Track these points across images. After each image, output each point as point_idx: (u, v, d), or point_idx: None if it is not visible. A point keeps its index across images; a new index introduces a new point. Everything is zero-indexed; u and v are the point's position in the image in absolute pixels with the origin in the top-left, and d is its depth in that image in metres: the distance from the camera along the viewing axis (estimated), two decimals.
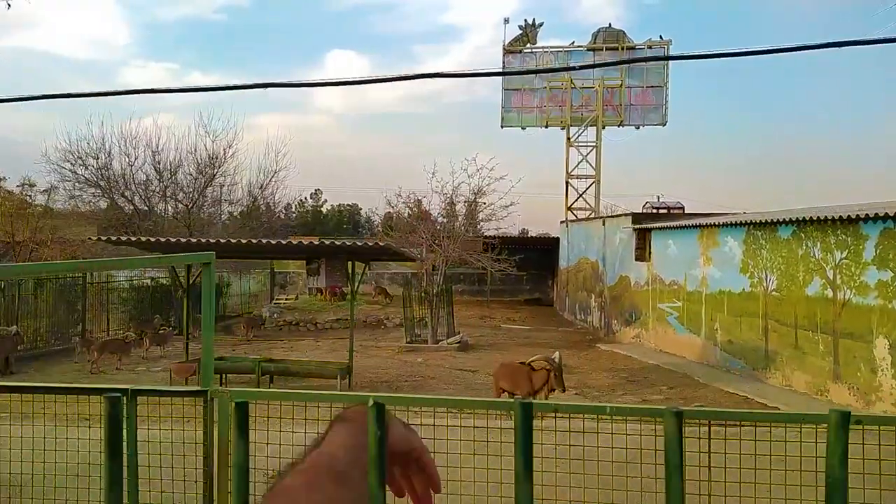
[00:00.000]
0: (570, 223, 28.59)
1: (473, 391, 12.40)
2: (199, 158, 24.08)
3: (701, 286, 15.26)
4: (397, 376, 13.87)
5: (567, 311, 27.30)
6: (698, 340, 15.29)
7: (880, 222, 9.23)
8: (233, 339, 20.48)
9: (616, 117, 32.09)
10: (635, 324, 19.20)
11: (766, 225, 12.56)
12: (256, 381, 12.04)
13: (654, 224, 18.54)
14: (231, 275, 26.98)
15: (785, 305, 11.87)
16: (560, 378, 9.28)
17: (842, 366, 10.11)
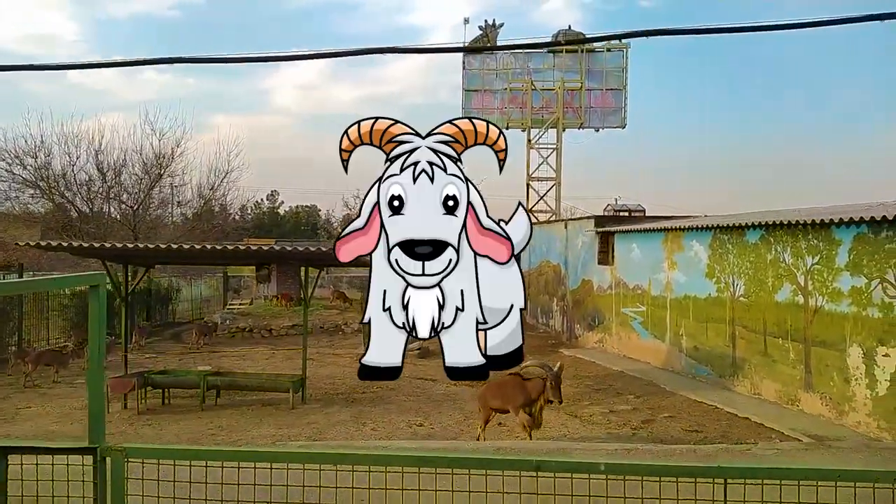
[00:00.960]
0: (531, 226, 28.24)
1: (434, 403, 11.81)
2: (146, 158, 22.98)
3: (666, 291, 14.97)
4: (354, 388, 13.17)
5: (529, 315, 26.93)
6: (663, 346, 14.99)
7: (854, 227, 8.97)
8: (181, 347, 19.48)
9: (576, 119, 32.02)
10: (598, 328, 18.88)
11: (733, 229, 12.29)
12: (201, 397, 11.21)
13: (618, 227, 18.25)
14: (181, 280, 25.86)
15: (753, 311, 11.60)
16: (558, 388, 8.22)
17: (814, 374, 9.83)
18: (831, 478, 2.34)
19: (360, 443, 8.73)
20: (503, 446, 7.77)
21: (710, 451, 7.80)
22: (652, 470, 2.42)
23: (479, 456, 2.45)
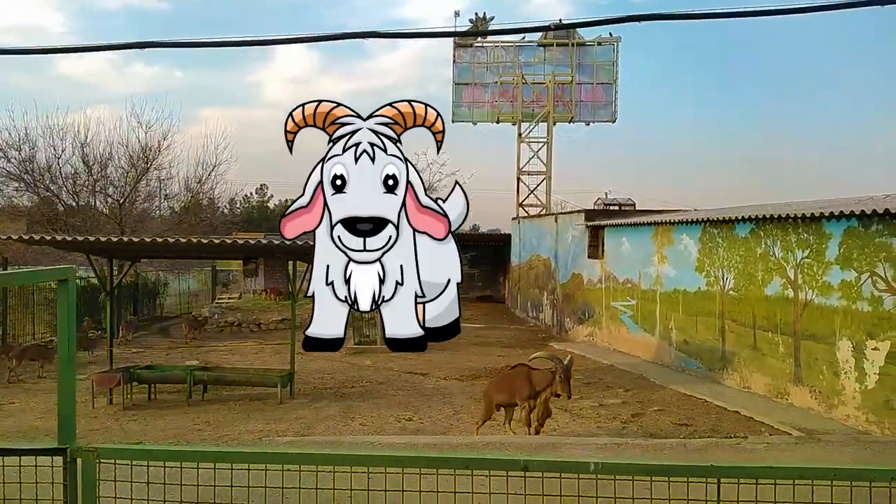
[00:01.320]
0: (521, 220, 28.22)
1: (424, 397, 11.74)
2: (132, 151, 22.69)
3: (655, 285, 14.96)
4: (343, 382, 13.10)
5: (519, 308, 26.92)
6: (653, 340, 14.99)
7: (844, 220, 8.95)
8: (169, 342, 19.31)
9: (567, 113, 31.95)
10: (588, 322, 18.87)
11: (722, 223, 12.27)
12: (188, 392, 11.08)
13: (607, 221, 18.22)
14: (168, 274, 25.64)
15: (743, 305, 11.59)
16: (567, 382, 7.99)
17: (803, 368, 9.83)
18: (827, 476, 2.27)
19: (349, 438, 8.64)
20: (493, 441, 7.71)
21: (699, 446, 7.77)
22: (643, 469, 2.35)
23: (464, 456, 2.38)
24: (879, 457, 6.45)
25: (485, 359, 16.12)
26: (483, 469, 2.33)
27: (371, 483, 2.38)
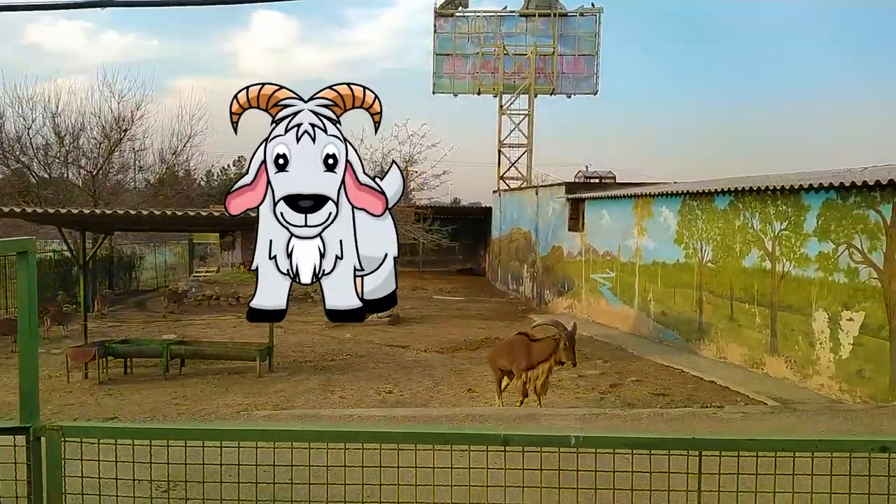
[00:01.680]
0: (502, 192, 28.14)
1: (404, 369, 11.73)
2: (105, 121, 22.12)
3: (635, 257, 15.03)
4: (323, 355, 13.05)
5: (500, 281, 26.98)
6: (631, 311, 15.11)
7: (823, 193, 9.00)
8: (145, 316, 19.08)
9: (548, 85, 31.74)
10: (568, 294, 18.96)
11: (702, 195, 12.29)
12: (165, 367, 10.96)
13: (588, 194, 18.20)
14: (144, 247, 25.26)
15: (720, 277, 11.68)
16: (572, 350, 7.75)
17: (779, 339, 9.95)
18: (808, 448, 2.26)
19: (328, 411, 8.61)
20: (472, 413, 7.72)
21: (676, 415, 7.84)
22: (625, 442, 2.32)
23: (443, 431, 2.33)
24: (852, 425, 6.56)
25: (465, 331, 16.15)
26: (462, 444, 2.29)
27: (348, 459, 2.32)
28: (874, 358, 8.13)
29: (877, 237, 8.12)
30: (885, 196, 8.04)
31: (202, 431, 2.41)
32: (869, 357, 8.22)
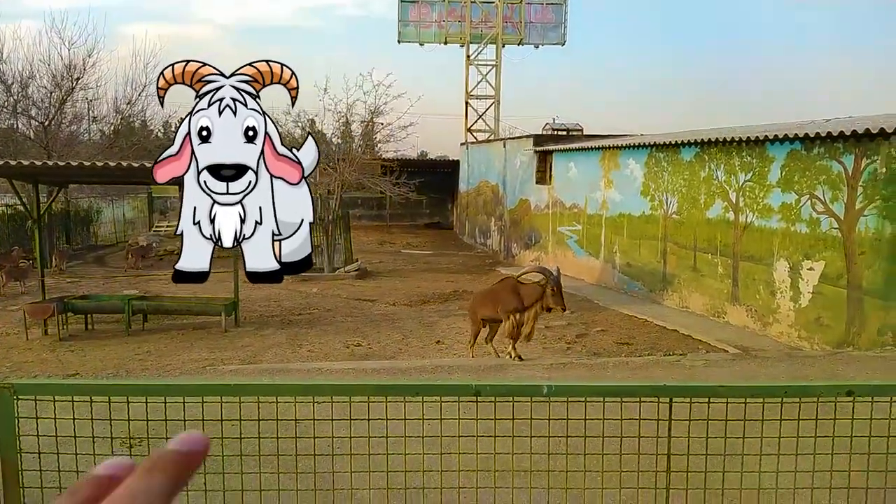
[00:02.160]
0: (470, 145, 27.90)
1: (372, 323, 11.71)
2: (55, 69, 21.09)
3: (601, 209, 15.11)
4: (289, 310, 12.94)
5: (467, 234, 26.98)
6: (597, 263, 15.27)
7: (787, 143, 9.07)
8: (105, 271, 18.63)
9: (516, 35, 31.23)
10: (535, 247, 19.06)
11: (668, 147, 12.33)
12: (127, 322, 10.74)
13: (556, 146, 18.14)
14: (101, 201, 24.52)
15: (685, 228, 11.82)
16: (559, 294, 7.53)
17: (740, 288, 10.17)
18: (777, 394, 2.28)
19: (296, 365, 8.56)
20: (442, 364, 7.76)
21: (640, 363, 8.00)
22: (596, 391, 2.31)
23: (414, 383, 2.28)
24: (811, 370, 6.76)
25: (433, 284, 16.16)
26: (434, 395, 2.25)
27: (316, 412, 2.27)
28: (832, 306, 8.36)
29: (838, 188, 8.26)
30: (847, 147, 8.14)
31: (164, 387, 2.32)
32: (827, 305, 8.45)
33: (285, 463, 2.37)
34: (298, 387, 2.33)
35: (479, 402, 2.23)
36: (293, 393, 2.30)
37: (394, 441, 2.28)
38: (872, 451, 2.30)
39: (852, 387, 2.26)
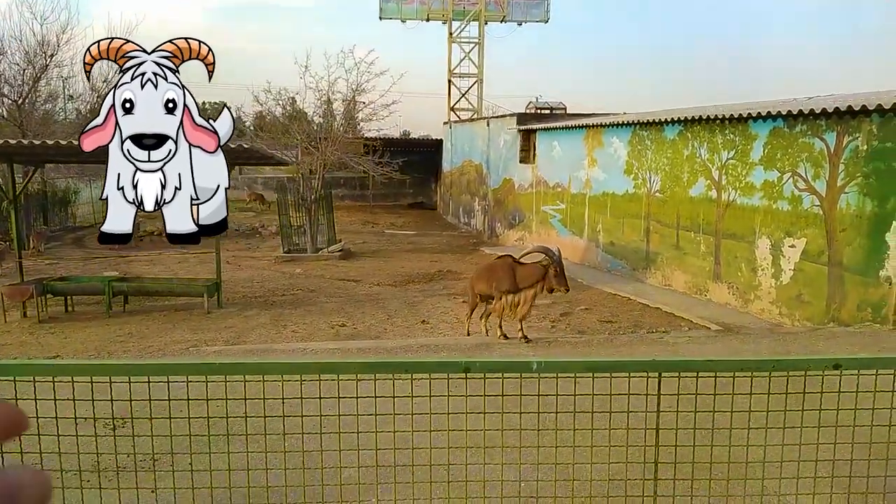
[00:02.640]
0: (453, 124, 27.73)
1: (357, 303, 11.67)
2: (27, 45, 20.56)
3: (585, 188, 15.11)
4: (273, 290, 12.85)
5: (451, 214, 26.92)
6: (581, 242, 15.31)
7: (770, 121, 9.10)
8: (84, 252, 18.36)
9: (498, 12, 30.95)
10: (518, 227, 19.07)
11: (652, 125, 12.32)
12: (107, 304, 10.61)
13: (540, 125, 18.07)
14: (79, 181, 24.10)
15: (668, 207, 11.87)
16: (562, 275, 7.35)
17: (722, 266, 10.25)
18: (766, 368, 2.28)
19: (281, 345, 8.51)
20: (428, 343, 7.75)
21: (624, 341, 8.06)
22: (585, 366, 2.30)
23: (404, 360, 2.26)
24: (791, 346, 6.85)
25: (417, 265, 16.14)
26: (423, 373, 2.23)
27: (304, 391, 2.24)
28: (813, 283, 8.46)
29: (820, 165, 8.31)
30: (830, 124, 8.18)
31: (148, 367, 2.28)
32: (808, 282, 8.55)
33: (273, 442, 2.34)
34: (285, 365, 2.29)
35: (469, 378, 2.21)
36: (280, 371, 2.27)
37: (382, 419, 2.26)
38: (858, 424, 2.32)
39: (839, 360, 2.27)
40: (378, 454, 2.31)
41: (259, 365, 2.37)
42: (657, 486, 2.35)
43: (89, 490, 2.79)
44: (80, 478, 2.72)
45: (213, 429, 2.32)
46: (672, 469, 2.35)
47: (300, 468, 2.42)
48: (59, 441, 2.28)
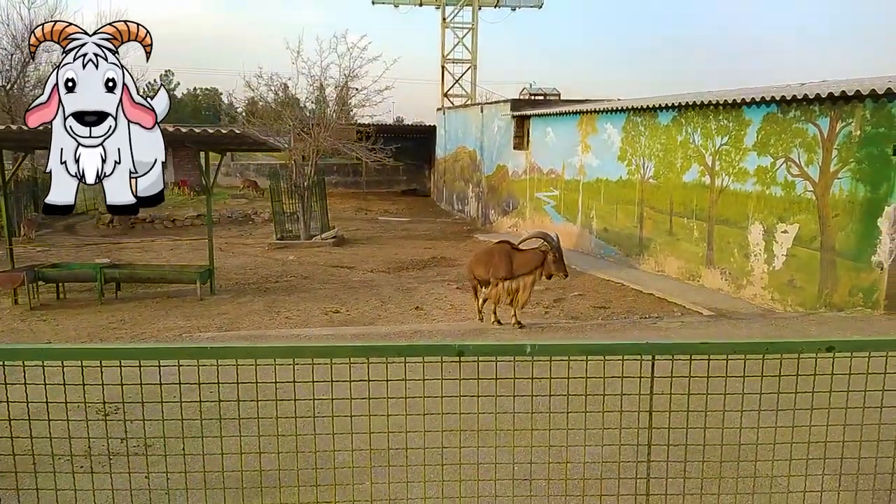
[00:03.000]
0: (447, 110, 27.61)
1: (350, 290, 11.66)
2: (14, 30, 20.31)
3: (579, 174, 15.10)
4: (266, 277, 12.82)
5: (444, 201, 26.87)
6: (574, 229, 15.32)
7: (764, 107, 9.09)
8: (76, 239, 18.25)
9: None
10: (512, 213, 19.06)
11: (646, 111, 12.30)
12: (100, 291, 10.55)
13: (533, 111, 18.02)
14: None
15: (661, 192, 11.87)
16: (561, 261, 7.25)
17: (715, 251, 10.28)
18: (759, 350, 2.28)
19: (274, 332, 8.50)
20: (421, 329, 7.75)
21: (618, 326, 8.08)
22: (579, 349, 2.30)
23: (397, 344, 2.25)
24: (783, 331, 6.89)
25: (411, 251, 16.12)
26: (417, 356, 2.22)
27: (298, 375, 2.22)
28: (805, 268, 8.49)
29: (814, 150, 8.32)
30: (823, 110, 8.18)
31: (139, 351, 2.26)
32: (800, 267, 8.58)
33: (266, 426, 2.33)
34: (278, 349, 2.28)
35: (462, 362, 2.21)
36: (273, 356, 2.26)
37: (376, 403, 2.26)
38: (850, 406, 2.33)
39: (832, 343, 2.27)
40: (372, 437, 2.30)
41: (251, 349, 2.36)
42: (650, 467, 2.36)
43: (82, 475, 2.78)
44: (72, 463, 2.71)
45: (206, 413, 2.31)
46: (665, 451, 2.36)
47: (294, 452, 2.41)
48: (49, 426, 2.26)
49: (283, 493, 2.79)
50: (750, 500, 2.78)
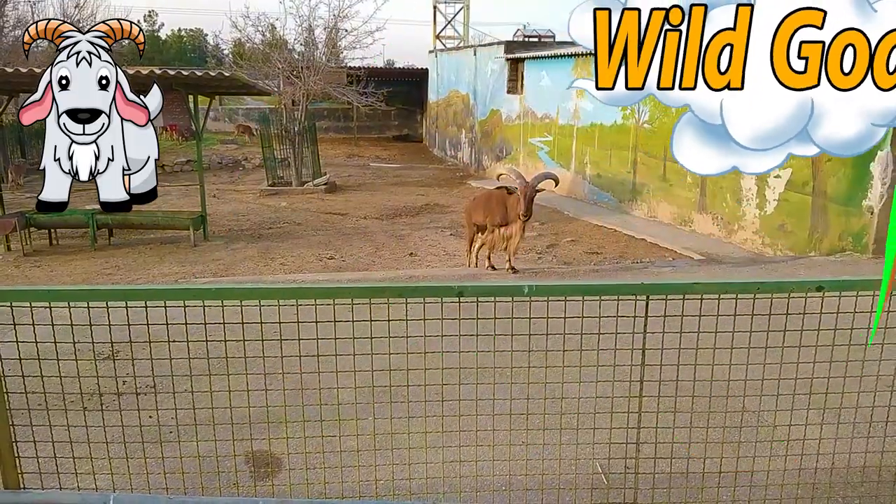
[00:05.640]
0: (439, 53, 27.09)
1: (344, 236, 11.69)
2: None
3: (573, 119, 14.98)
4: (259, 224, 12.81)
5: (437, 147, 26.66)
6: (568, 175, 15.29)
7: None
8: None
9: None
10: (506, 159, 18.96)
11: None
12: (92, 237, 10.54)
13: (528, 54, 17.72)
14: None
15: (655, 138, 11.83)
16: (529, 202, 7.14)
17: (708, 197, 10.32)
18: (750, 290, 2.35)
19: (270, 277, 8.56)
20: (416, 275, 7.83)
21: (609, 270, 8.19)
22: (576, 289, 2.35)
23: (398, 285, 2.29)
24: (773, 274, 7.00)
25: (404, 198, 16.10)
26: (417, 297, 2.27)
27: (301, 316, 2.27)
28: (796, 212, 8.57)
29: None
30: None
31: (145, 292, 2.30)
32: (792, 212, 8.65)
33: (270, 364, 2.40)
34: (282, 290, 2.32)
35: (462, 302, 2.26)
36: (277, 297, 2.30)
37: (377, 342, 2.32)
38: (836, 344, 2.41)
39: (822, 283, 2.34)
40: (374, 375, 2.37)
41: (256, 290, 2.40)
42: (642, 402, 2.45)
43: (92, 413, 2.86)
44: (82, 401, 2.78)
45: (212, 352, 2.37)
46: (657, 387, 2.44)
47: (298, 389, 2.48)
48: (59, 366, 2.31)
49: (290, 428, 2.88)
50: (737, 433, 2.90)
